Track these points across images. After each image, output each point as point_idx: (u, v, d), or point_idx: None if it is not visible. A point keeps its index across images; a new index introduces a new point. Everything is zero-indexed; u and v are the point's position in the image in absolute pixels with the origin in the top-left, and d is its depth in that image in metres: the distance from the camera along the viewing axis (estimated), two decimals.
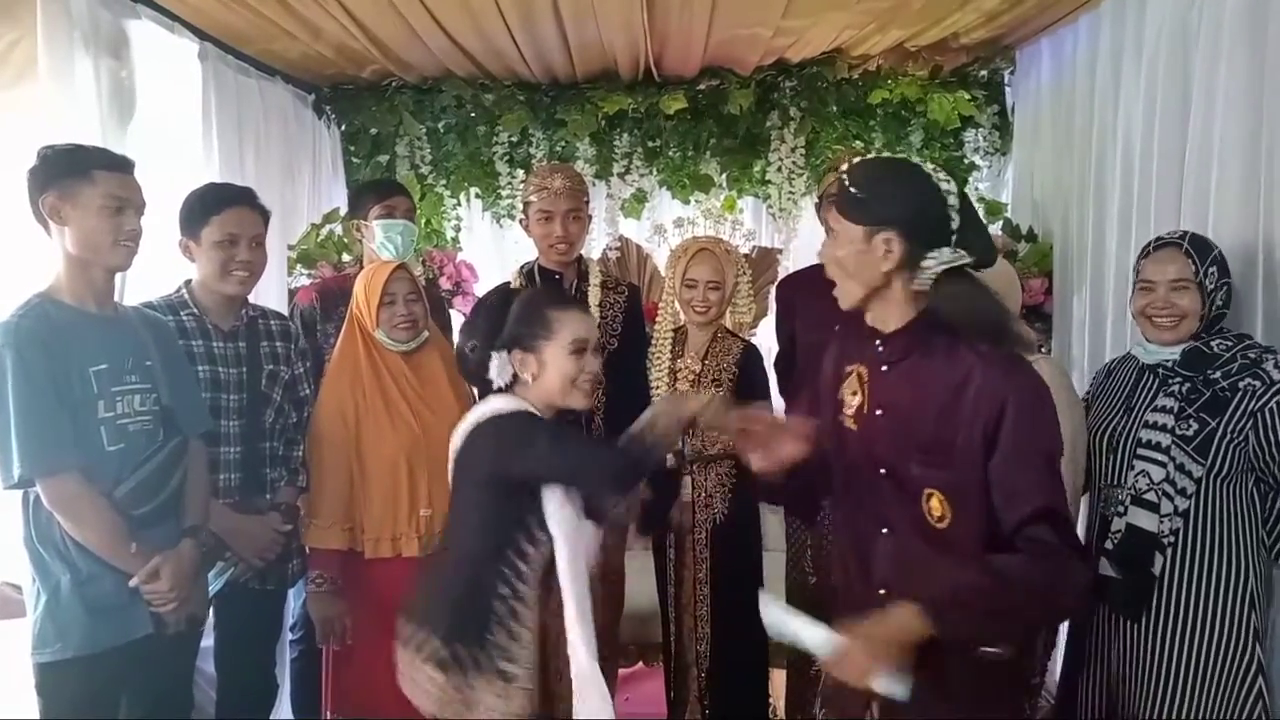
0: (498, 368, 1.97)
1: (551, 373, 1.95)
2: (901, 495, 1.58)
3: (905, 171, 1.61)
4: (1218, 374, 2.06)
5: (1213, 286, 2.09)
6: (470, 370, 2.06)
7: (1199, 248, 2.12)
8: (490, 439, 1.91)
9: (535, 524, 1.89)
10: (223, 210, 2.40)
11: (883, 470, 1.61)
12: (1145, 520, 2.10)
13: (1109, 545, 2.15)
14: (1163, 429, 2.09)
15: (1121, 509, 2.14)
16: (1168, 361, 2.14)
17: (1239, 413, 2.02)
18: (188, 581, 2.12)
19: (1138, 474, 2.11)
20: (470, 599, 1.89)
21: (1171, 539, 2.06)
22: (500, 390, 1.99)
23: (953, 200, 1.54)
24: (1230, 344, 2.09)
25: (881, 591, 1.59)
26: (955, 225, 1.54)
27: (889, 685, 1.44)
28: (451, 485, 2.02)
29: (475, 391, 2.17)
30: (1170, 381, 2.13)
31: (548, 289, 2.60)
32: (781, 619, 1.59)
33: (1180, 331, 2.12)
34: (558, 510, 1.88)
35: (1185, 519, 2.06)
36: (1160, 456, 2.08)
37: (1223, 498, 2.05)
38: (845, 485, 1.71)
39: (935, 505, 1.54)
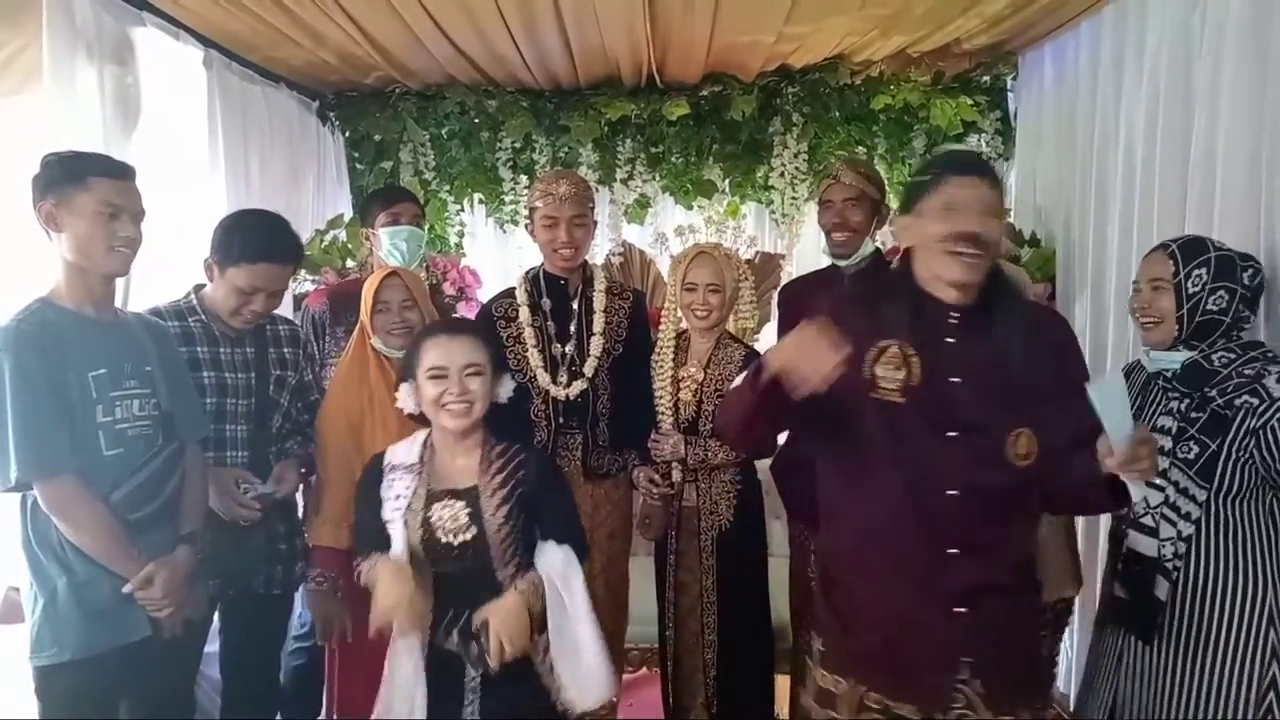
0: (403, 396, 2.09)
1: (424, 404, 2.05)
2: (978, 451, 1.69)
3: None
4: (1214, 392, 2.01)
5: (1197, 289, 2.04)
6: None
7: (1187, 250, 2.09)
8: None
9: None
10: (257, 263, 2.38)
11: (952, 433, 1.71)
12: (1145, 545, 2.07)
13: (1118, 566, 2.14)
14: (1161, 451, 2.01)
15: (1123, 532, 2.14)
16: (1167, 372, 2.11)
17: (1241, 431, 1.96)
18: (182, 588, 2.11)
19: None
20: None
21: (1178, 563, 2.02)
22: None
23: None
24: (1233, 356, 2.03)
25: (953, 551, 1.70)
26: None
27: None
28: None
29: None
30: (1169, 398, 2.10)
31: (449, 319, 2.61)
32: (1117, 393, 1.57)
33: (1158, 334, 2.11)
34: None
35: (1193, 540, 2.01)
36: (1158, 481, 2.02)
37: (1236, 515, 2.00)
38: (892, 458, 1.74)
39: (1024, 443, 1.69)
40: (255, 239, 2.40)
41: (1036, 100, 3.81)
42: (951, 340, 1.74)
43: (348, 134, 4.30)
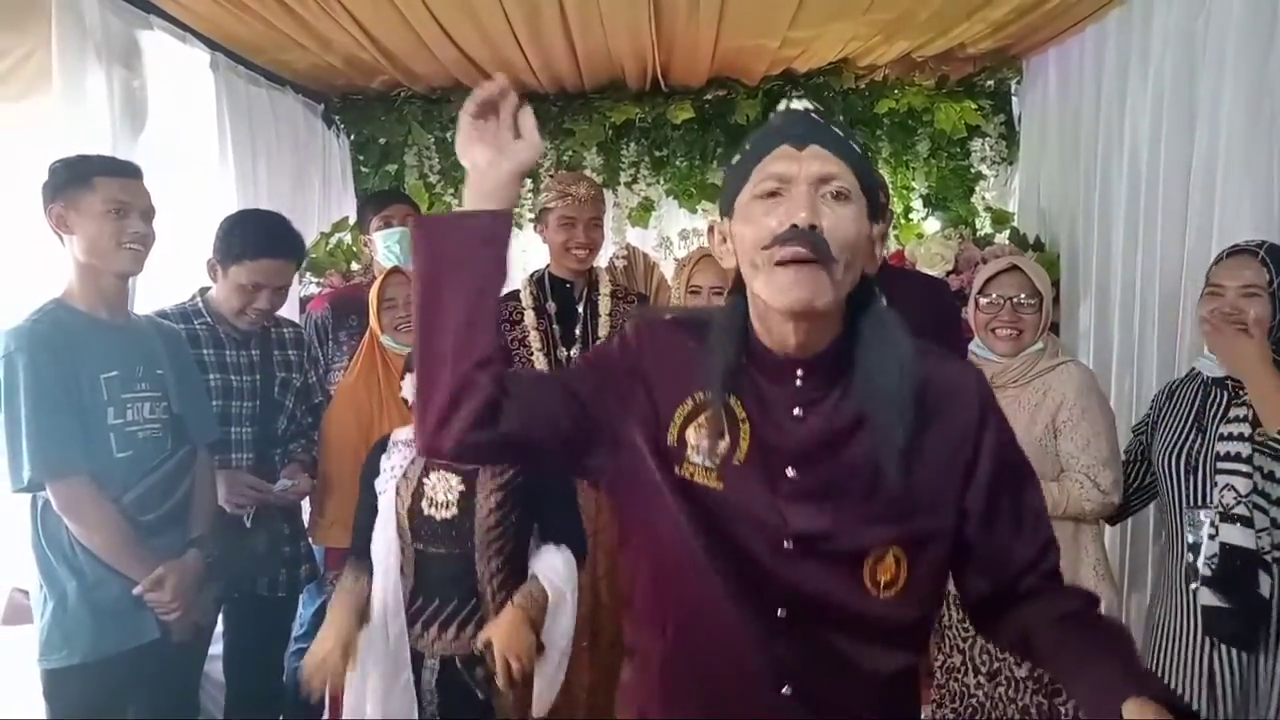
0: (407, 387, 2.09)
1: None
2: (822, 568, 1.15)
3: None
4: None
5: None
6: None
7: (1276, 257, 2.00)
8: None
9: None
10: (258, 259, 2.40)
11: (788, 545, 1.14)
12: (1239, 537, 1.92)
13: (1207, 572, 1.96)
14: (1241, 439, 1.95)
15: (1213, 530, 1.96)
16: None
17: None
18: (191, 591, 2.12)
19: (1222, 489, 1.95)
20: None
21: (1276, 554, 1.89)
22: None
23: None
24: None
25: (785, 691, 1.15)
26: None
27: None
28: None
29: None
30: (1241, 393, 2.00)
31: None
32: None
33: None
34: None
35: None
36: (1244, 468, 1.94)
37: None
38: (705, 576, 1.16)
39: (887, 567, 1.15)
40: (255, 236, 2.42)
41: (1040, 105, 3.82)
42: (797, 412, 1.17)
43: (353, 137, 4.31)
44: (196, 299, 2.50)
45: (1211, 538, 1.97)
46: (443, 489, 2.01)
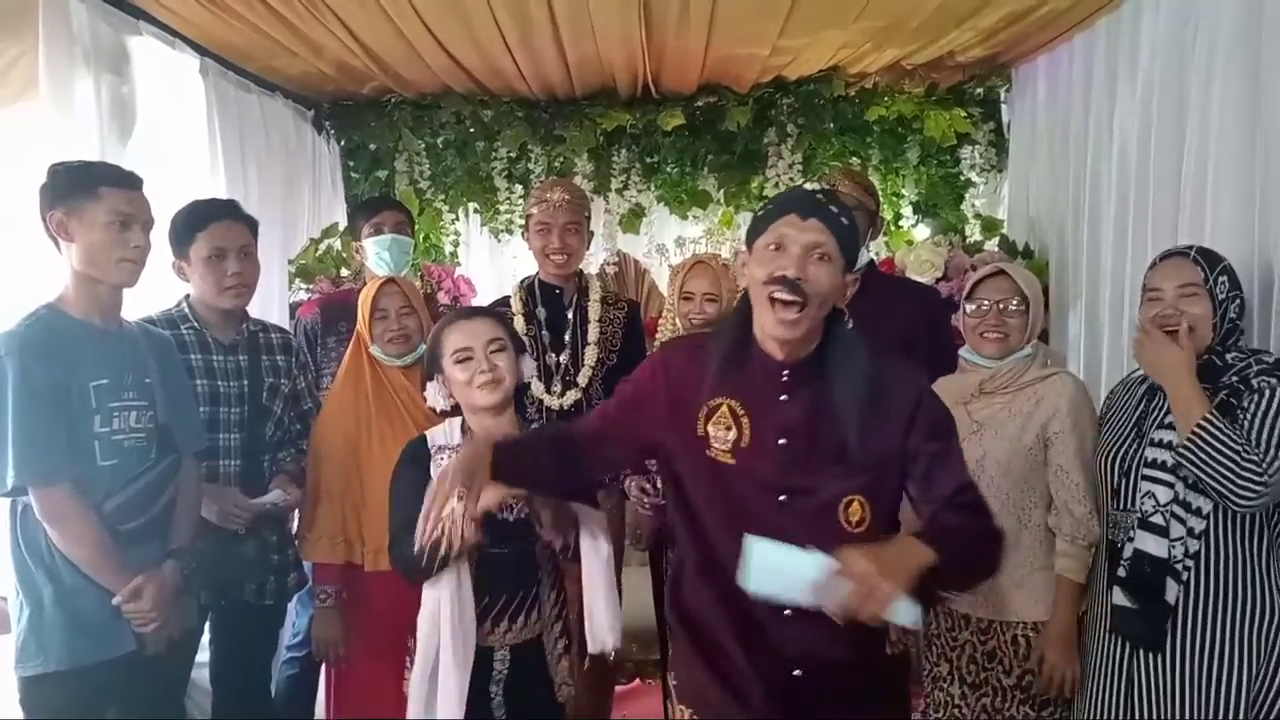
0: (432, 394, 2.09)
1: (455, 389, 2.06)
2: (809, 516, 1.60)
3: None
4: (1232, 378, 1.96)
5: (1224, 295, 2.00)
6: None
7: (1208, 257, 2.04)
8: None
9: None
10: (207, 225, 2.41)
11: (783, 497, 1.62)
12: (1154, 545, 1.99)
13: (1121, 573, 2.05)
14: (1168, 447, 1.99)
15: (1130, 534, 2.04)
16: None
17: (1257, 406, 1.90)
18: (169, 602, 2.10)
19: (1143, 496, 2.02)
20: None
21: (1188, 563, 1.95)
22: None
23: None
24: (1244, 355, 2.00)
25: (787, 613, 1.57)
26: None
27: (909, 613, 1.34)
28: None
29: None
30: None
31: (459, 307, 2.58)
32: (770, 551, 1.44)
33: (1194, 341, 2.00)
34: None
35: (1205, 540, 1.95)
36: (1167, 477, 1.99)
37: (1251, 514, 1.92)
38: (728, 519, 1.64)
39: (855, 510, 1.61)
40: (198, 210, 2.45)
41: (1030, 112, 3.84)
42: (784, 399, 1.64)
43: (343, 143, 4.30)
44: (182, 304, 2.49)
45: (1129, 541, 2.05)
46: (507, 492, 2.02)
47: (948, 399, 2.35)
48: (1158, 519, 2.00)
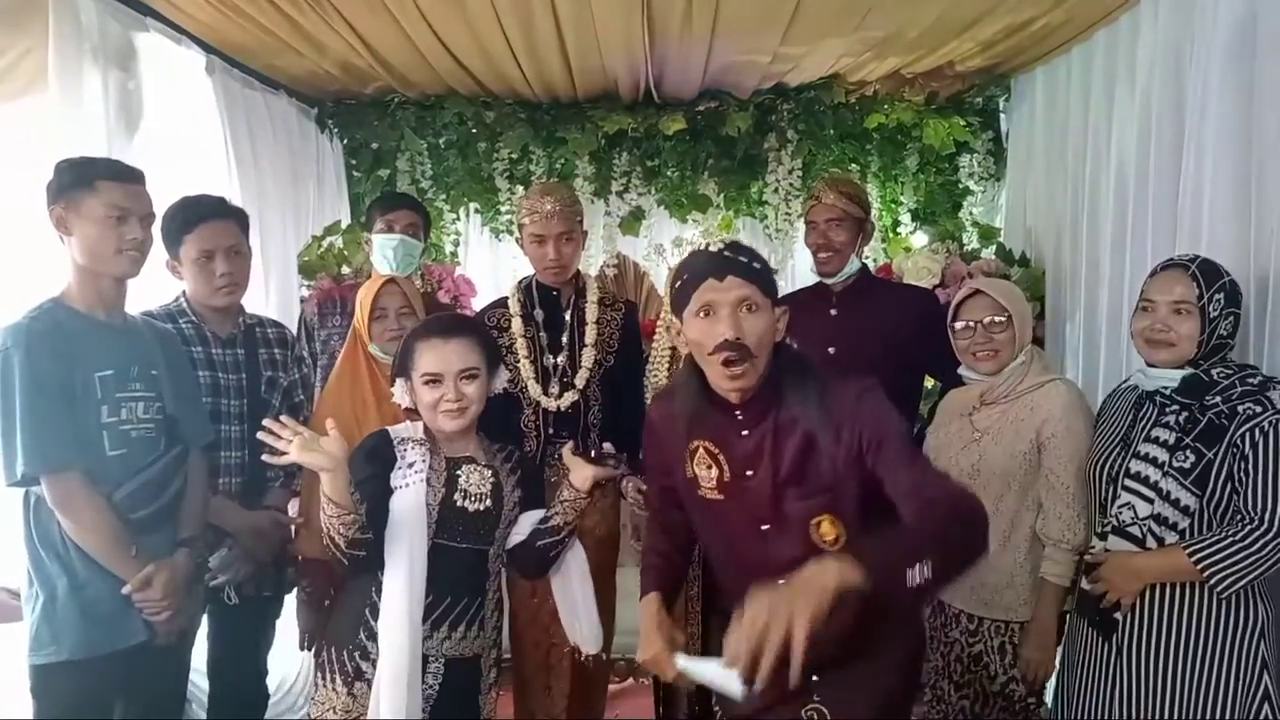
0: (399, 392, 2.10)
1: (419, 405, 2.07)
2: (789, 540, 1.69)
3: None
4: (1217, 399, 1.97)
5: (1216, 314, 2.00)
6: None
7: (1207, 273, 2.03)
8: None
9: None
10: (194, 228, 2.42)
11: (765, 526, 1.72)
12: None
13: (1089, 559, 2.12)
14: (1153, 462, 2.02)
15: (1106, 535, 2.09)
16: (1166, 388, 2.05)
17: (1237, 436, 1.93)
18: (180, 592, 2.13)
19: (1122, 505, 2.06)
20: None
21: None
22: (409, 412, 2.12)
23: None
24: (1230, 372, 2.01)
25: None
26: None
27: (735, 684, 1.35)
28: None
29: None
30: (1167, 411, 2.05)
31: (443, 316, 2.56)
32: (691, 667, 1.66)
33: (1171, 355, 2.04)
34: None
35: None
36: (1148, 491, 2.02)
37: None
38: (727, 548, 1.82)
39: (826, 529, 1.67)
40: (188, 209, 2.46)
41: (1028, 121, 3.86)
42: (744, 434, 1.73)
43: (345, 141, 4.32)
44: (180, 299, 2.52)
45: (1100, 539, 2.11)
46: (476, 480, 2.06)
47: (955, 412, 2.44)
48: (1134, 530, 2.04)
